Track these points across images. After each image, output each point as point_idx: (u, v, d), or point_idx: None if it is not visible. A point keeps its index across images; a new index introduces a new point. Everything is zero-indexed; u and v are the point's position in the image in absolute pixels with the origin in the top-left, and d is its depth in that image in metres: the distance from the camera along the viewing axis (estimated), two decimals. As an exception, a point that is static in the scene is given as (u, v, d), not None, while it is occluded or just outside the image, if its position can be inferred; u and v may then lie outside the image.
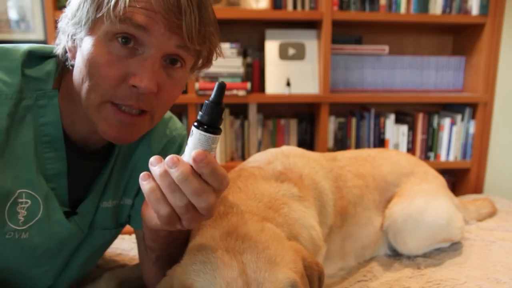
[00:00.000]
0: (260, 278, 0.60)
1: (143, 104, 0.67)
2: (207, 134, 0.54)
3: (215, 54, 0.75)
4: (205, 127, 0.54)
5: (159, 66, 0.66)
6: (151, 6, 0.62)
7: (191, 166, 0.54)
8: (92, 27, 0.64)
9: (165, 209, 0.57)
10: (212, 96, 0.54)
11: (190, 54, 0.69)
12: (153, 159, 0.57)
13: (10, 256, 0.72)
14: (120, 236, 1.30)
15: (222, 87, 0.54)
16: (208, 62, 0.75)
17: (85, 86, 0.66)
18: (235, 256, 0.62)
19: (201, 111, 0.55)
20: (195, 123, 0.55)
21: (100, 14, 0.62)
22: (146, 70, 0.64)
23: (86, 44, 0.65)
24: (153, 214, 0.62)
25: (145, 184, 0.57)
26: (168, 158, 0.55)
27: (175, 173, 0.54)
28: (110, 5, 0.61)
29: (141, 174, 0.58)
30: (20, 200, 0.68)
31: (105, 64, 0.63)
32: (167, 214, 0.57)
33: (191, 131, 0.55)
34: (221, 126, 0.56)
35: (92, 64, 0.64)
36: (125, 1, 0.60)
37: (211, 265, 0.61)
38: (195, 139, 0.55)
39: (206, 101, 0.54)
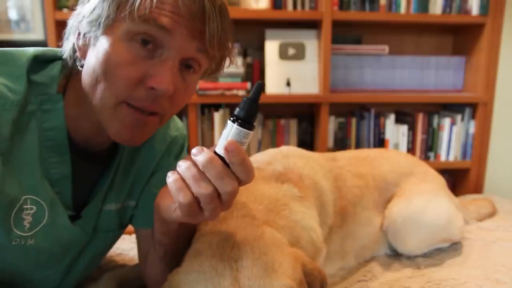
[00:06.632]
0: (254, 286, 0.59)
1: (157, 106, 0.66)
2: (241, 129, 0.57)
3: (228, 61, 0.75)
4: (240, 121, 0.57)
5: (177, 69, 0.66)
6: (176, 9, 0.62)
7: (217, 155, 0.57)
8: (111, 25, 0.63)
9: (186, 197, 0.57)
10: (251, 93, 0.58)
11: (207, 59, 0.69)
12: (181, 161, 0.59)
13: (15, 261, 0.72)
14: (120, 236, 1.30)
15: (260, 86, 0.58)
16: (218, 68, 0.75)
17: (100, 86, 0.64)
18: (230, 264, 0.62)
19: (238, 106, 0.58)
20: (231, 118, 0.57)
21: (122, 13, 0.61)
22: (165, 72, 0.63)
23: (103, 43, 0.63)
24: (171, 205, 0.62)
25: (169, 176, 0.59)
26: (193, 149, 0.58)
27: (200, 159, 0.56)
28: (135, 5, 0.60)
29: (168, 172, 0.60)
30: (26, 207, 0.68)
31: (123, 64, 0.62)
32: (188, 202, 0.57)
33: (226, 124, 0.58)
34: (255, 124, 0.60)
35: (109, 64, 0.63)
36: (152, 2, 0.60)
37: (204, 274, 0.62)
38: (229, 131, 0.57)
39: (245, 98, 0.57)
